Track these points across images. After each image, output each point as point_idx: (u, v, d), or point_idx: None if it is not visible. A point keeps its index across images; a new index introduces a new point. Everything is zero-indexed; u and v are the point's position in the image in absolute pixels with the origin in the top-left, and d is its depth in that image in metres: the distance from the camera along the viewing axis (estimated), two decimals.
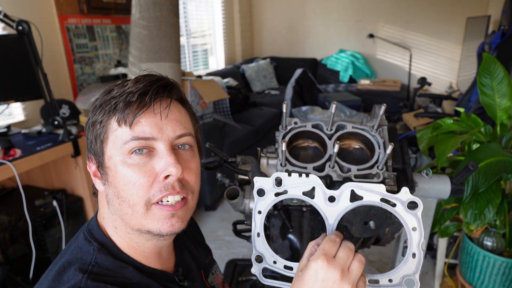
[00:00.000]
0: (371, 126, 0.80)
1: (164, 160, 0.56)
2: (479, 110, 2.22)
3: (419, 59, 4.52)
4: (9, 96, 1.79)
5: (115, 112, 0.56)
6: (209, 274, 0.78)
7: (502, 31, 2.42)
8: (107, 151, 0.57)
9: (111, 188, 0.58)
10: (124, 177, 0.55)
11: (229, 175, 0.86)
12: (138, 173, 0.55)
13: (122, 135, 0.56)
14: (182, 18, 3.92)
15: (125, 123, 0.55)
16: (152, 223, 0.57)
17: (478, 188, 1.12)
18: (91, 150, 0.60)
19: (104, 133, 0.57)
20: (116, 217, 0.59)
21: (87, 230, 0.63)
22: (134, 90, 0.56)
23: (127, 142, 0.55)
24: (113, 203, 0.58)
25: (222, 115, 3.14)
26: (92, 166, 0.61)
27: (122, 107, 0.55)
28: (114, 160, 0.56)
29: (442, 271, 1.86)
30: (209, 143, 0.81)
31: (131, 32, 2.13)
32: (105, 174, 0.58)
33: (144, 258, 0.63)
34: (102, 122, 0.57)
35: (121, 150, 0.56)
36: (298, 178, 0.53)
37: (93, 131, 0.58)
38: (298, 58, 5.00)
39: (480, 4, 4.05)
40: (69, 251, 0.61)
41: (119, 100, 0.56)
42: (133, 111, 0.55)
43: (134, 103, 0.55)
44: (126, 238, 0.61)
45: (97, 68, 2.82)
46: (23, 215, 1.68)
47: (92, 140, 0.59)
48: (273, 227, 0.86)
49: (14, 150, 1.64)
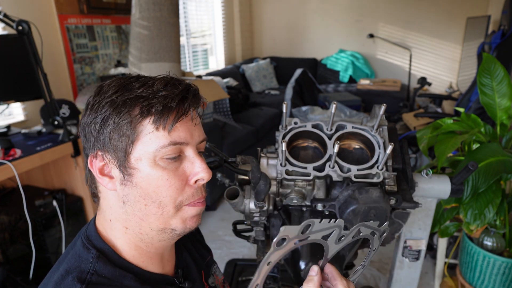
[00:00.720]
0: (371, 126, 0.80)
1: (197, 165, 0.59)
2: (479, 110, 2.22)
3: (419, 59, 4.52)
4: (9, 96, 1.79)
5: (149, 114, 0.55)
6: (209, 275, 0.78)
7: (502, 31, 2.42)
8: (135, 152, 0.56)
9: (134, 188, 0.57)
10: (158, 179, 0.56)
11: (229, 175, 0.86)
12: (173, 177, 0.57)
13: (158, 139, 0.55)
14: (182, 18, 3.92)
15: (164, 127, 0.55)
16: (179, 222, 0.60)
17: (478, 188, 1.12)
18: (104, 147, 0.57)
19: (135, 134, 0.55)
20: (132, 217, 0.59)
21: (85, 237, 0.62)
22: (171, 95, 0.55)
23: (165, 147, 0.55)
24: (135, 204, 0.58)
25: (222, 115, 3.14)
26: (97, 163, 0.58)
27: (160, 110, 0.55)
28: (144, 161, 0.56)
29: (442, 271, 1.86)
30: (209, 143, 0.81)
31: (131, 32, 2.13)
32: (129, 175, 0.57)
33: (149, 260, 0.63)
34: (132, 122, 0.55)
35: (156, 153, 0.56)
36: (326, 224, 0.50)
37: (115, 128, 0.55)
38: (298, 58, 5.00)
39: (480, 4, 4.05)
40: (67, 258, 0.60)
41: (152, 102, 0.55)
42: (173, 117, 0.55)
43: (174, 108, 0.55)
44: (135, 239, 0.61)
45: (97, 68, 2.82)
46: (23, 215, 1.68)
47: (107, 137, 0.56)
48: (273, 227, 0.86)
49: (14, 150, 1.64)
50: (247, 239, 0.99)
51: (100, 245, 0.60)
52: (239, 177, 0.82)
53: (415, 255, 1.00)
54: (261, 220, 0.85)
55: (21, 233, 1.83)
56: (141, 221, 0.59)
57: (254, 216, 0.83)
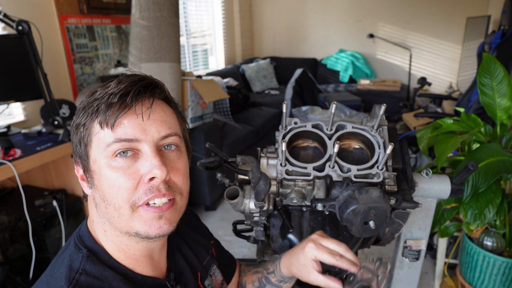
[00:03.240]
0: (371, 126, 0.80)
1: (148, 162, 0.55)
2: (479, 110, 2.21)
3: (419, 59, 4.52)
4: (9, 96, 1.79)
5: (97, 114, 0.55)
6: (206, 276, 0.77)
7: (502, 31, 2.42)
8: (92, 154, 0.56)
9: (97, 191, 0.57)
10: (109, 180, 0.55)
11: (229, 175, 0.86)
12: (122, 176, 0.54)
13: (104, 138, 0.55)
14: (182, 18, 3.92)
15: (107, 125, 0.54)
16: (140, 225, 0.56)
17: (478, 188, 1.12)
18: (77, 153, 0.59)
19: (88, 136, 0.56)
20: (104, 220, 0.59)
21: (78, 236, 0.62)
22: (116, 91, 0.54)
23: (110, 145, 0.54)
24: (100, 206, 0.57)
25: (222, 115, 3.14)
26: (79, 170, 0.60)
27: (103, 109, 0.54)
28: (98, 163, 0.56)
29: (442, 271, 1.86)
30: (209, 143, 0.81)
31: (131, 32, 2.13)
32: (91, 178, 0.57)
33: (135, 262, 0.62)
34: (86, 125, 0.56)
35: (105, 153, 0.55)
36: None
37: (77, 134, 0.57)
38: (298, 58, 5.00)
39: (480, 4, 4.05)
40: (60, 258, 0.61)
41: (101, 102, 0.55)
42: (114, 113, 0.54)
43: (115, 104, 0.54)
44: (115, 241, 0.60)
45: (97, 68, 2.82)
46: (23, 215, 1.68)
47: (77, 144, 0.58)
48: (273, 227, 0.86)
49: (14, 150, 1.64)
50: (247, 239, 0.99)
51: (91, 245, 0.60)
52: (239, 177, 0.82)
53: (415, 255, 1.00)
54: (261, 220, 0.85)
55: (21, 233, 1.83)
56: (110, 224, 0.58)
57: (254, 216, 0.83)
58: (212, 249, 0.84)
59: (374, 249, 2.24)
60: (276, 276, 0.79)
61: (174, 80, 2.18)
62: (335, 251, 0.68)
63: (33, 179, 2.08)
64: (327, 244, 0.69)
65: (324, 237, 0.71)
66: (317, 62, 4.96)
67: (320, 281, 0.69)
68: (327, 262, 0.67)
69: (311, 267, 0.69)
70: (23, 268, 1.78)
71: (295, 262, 0.73)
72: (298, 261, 0.72)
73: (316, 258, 0.69)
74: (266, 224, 0.88)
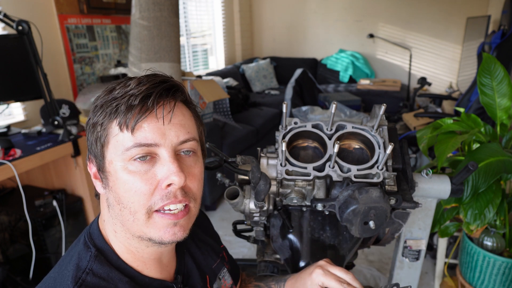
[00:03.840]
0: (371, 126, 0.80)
1: (166, 168, 0.54)
2: (479, 110, 2.21)
3: (419, 59, 4.52)
4: (9, 96, 1.79)
5: (116, 115, 0.53)
6: (215, 279, 0.76)
7: (502, 31, 2.42)
8: (108, 156, 0.55)
9: (111, 193, 0.56)
10: (125, 184, 0.53)
11: (229, 175, 0.86)
12: (140, 181, 0.53)
13: (123, 141, 0.53)
14: (182, 18, 3.91)
15: (127, 128, 0.52)
16: (154, 231, 0.56)
17: (478, 188, 1.12)
18: (92, 152, 0.57)
19: (105, 137, 0.54)
20: (116, 222, 0.58)
21: (88, 234, 0.62)
22: (137, 93, 0.52)
23: (129, 149, 0.53)
24: (113, 208, 0.56)
25: (222, 115, 3.14)
26: (92, 168, 0.59)
27: (123, 110, 0.52)
28: (115, 165, 0.54)
29: (442, 271, 1.86)
30: (209, 143, 0.81)
31: (131, 32, 2.13)
32: (106, 179, 0.56)
33: (143, 264, 0.61)
34: (103, 125, 0.54)
35: (123, 156, 0.53)
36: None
37: (93, 133, 0.56)
38: (298, 58, 5.00)
39: (480, 4, 4.05)
40: (69, 255, 0.60)
41: (120, 102, 0.53)
42: (135, 116, 0.52)
43: (136, 107, 0.52)
44: (125, 243, 0.60)
45: (97, 68, 2.82)
46: (23, 215, 1.68)
47: (93, 142, 0.56)
48: (273, 227, 0.86)
49: (14, 150, 1.64)
50: (247, 239, 0.99)
51: (101, 244, 0.60)
52: (239, 177, 0.82)
53: (415, 255, 1.00)
54: (261, 220, 0.85)
55: (21, 233, 1.83)
56: (122, 226, 0.57)
57: (254, 216, 0.83)
58: (223, 253, 0.83)
59: (374, 249, 2.24)
60: None
61: None
62: (343, 278, 0.68)
63: (33, 179, 2.08)
64: (335, 271, 0.69)
65: (332, 264, 0.72)
66: (317, 62, 4.96)
67: None
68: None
69: None
70: (23, 268, 1.78)
71: (301, 287, 0.73)
72: (304, 286, 0.72)
73: (323, 285, 0.68)
74: (266, 224, 0.88)
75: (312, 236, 0.82)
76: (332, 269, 0.70)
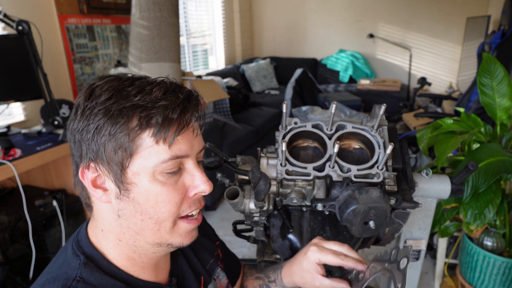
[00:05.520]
0: (371, 126, 0.80)
1: (197, 178, 0.56)
2: (479, 110, 2.21)
3: (419, 59, 4.52)
4: (9, 96, 1.79)
5: (148, 126, 0.50)
6: (210, 280, 0.75)
7: (502, 31, 2.42)
8: (133, 166, 0.52)
9: (131, 203, 0.53)
10: (158, 195, 0.53)
11: (229, 175, 0.86)
12: (172, 192, 0.54)
13: (158, 153, 0.51)
14: (182, 18, 3.91)
15: (164, 141, 0.51)
16: (177, 236, 0.57)
17: (478, 188, 1.12)
18: (97, 158, 0.52)
19: (133, 147, 0.51)
20: (127, 231, 0.56)
21: (76, 242, 0.59)
22: (171, 105, 0.51)
23: (165, 162, 0.52)
24: (131, 218, 0.54)
25: (222, 115, 3.14)
26: (89, 175, 0.54)
27: (160, 122, 0.50)
28: (143, 176, 0.52)
29: (442, 271, 1.86)
30: (209, 143, 0.80)
31: (131, 32, 2.13)
32: (126, 190, 0.53)
33: (141, 269, 0.61)
34: (130, 135, 0.50)
35: (156, 168, 0.52)
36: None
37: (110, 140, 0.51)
38: (298, 58, 5.00)
39: (480, 4, 4.05)
40: (57, 264, 0.58)
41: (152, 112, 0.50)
42: (174, 130, 0.51)
43: (175, 120, 0.51)
44: (128, 251, 0.58)
45: (97, 68, 2.82)
46: (23, 215, 1.68)
47: (102, 148, 0.51)
48: (273, 227, 0.86)
49: (14, 150, 1.64)
50: (247, 239, 0.99)
51: (90, 252, 0.58)
52: (239, 177, 0.82)
53: (415, 255, 1.00)
54: (261, 220, 0.85)
55: (21, 233, 1.83)
56: (136, 234, 0.56)
57: (254, 216, 0.83)
58: (217, 251, 0.83)
59: (374, 249, 2.24)
60: (277, 285, 0.79)
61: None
62: (339, 251, 0.68)
63: (33, 179, 2.08)
64: (330, 246, 0.69)
65: (325, 240, 0.71)
66: (317, 62, 4.96)
67: (326, 285, 0.68)
68: (333, 263, 0.67)
69: (315, 271, 0.68)
70: (23, 268, 1.78)
71: (298, 269, 0.71)
72: (301, 267, 0.70)
73: (320, 261, 0.68)
74: (266, 224, 0.88)
75: (312, 236, 0.82)
76: (326, 245, 0.69)
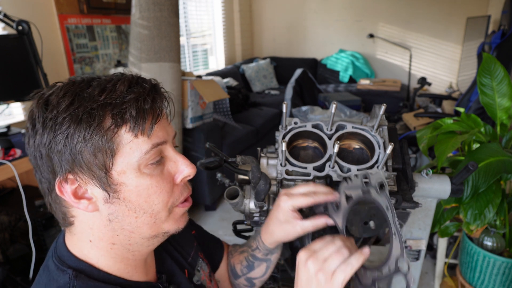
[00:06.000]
0: (371, 126, 0.80)
1: (180, 163, 0.57)
2: (479, 110, 2.21)
3: (419, 59, 4.52)
4: (9, 96, 1.79)
5: (124, 122, 0.50)
6: (194, 272, 0.75)
7: (502, 31, 2.42)
8: (117, 166, 0.51)
9: (122, 204, 0.53)
10: (148, 188, 0.53)
11: (229, 175, 0.86)
12: (161, 181, 0.54)
13: (139, 146, 0.51)
14: (182, 18, 3.92)
15: (143, 133, 0.51)
16: (172, 223, 0.58)
17: (478, 188, 1.12)
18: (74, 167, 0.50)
19: (113, 147, 0.50)
20: (120, 232, 0.55)
21: (57, 259, 0.57)
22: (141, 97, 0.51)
23: (148, 152, 0.52)
24: (124, 219, 0.54)
25: (222, 115, 3.14)
26: (67, 188, 0.52)
27: (134, 115, 0.50)
28: (129, 174, 0.52)
29: (442, 271, 1.86)
30: (209, 143, 0.81)
31: (131, 32, 2.13)
32: (115, 192, 0.52)
33: (133, 269, 0.60)
34: (107, 135, 0.49)
35: (140, 161, 0.52)
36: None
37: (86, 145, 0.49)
38: (298, 58, 5.00)
39: (480, 4, 4.05)
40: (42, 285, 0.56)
41: (123, 108, 0.50)
42: (150, 120, 0.52)
43: (148, 111, 0.51)
44: (122, 252, 0.58)
45: (97, 68, 2.82)
46: (23, 215, 1.68)
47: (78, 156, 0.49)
48: None
49: (14, 150, 1.64)
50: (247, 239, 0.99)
51: (76, 265, 0.56)
52: (239, 177, 0.82)
53: (415, 255, 1.00)
54: (261, 220, 0.85)
55: (21, 233, 1.83)
56: (131, 233, 0.56)
57: (254, 216, 0.83)
58: (195, 241, 0.82)
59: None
60: (261, 251, 0.79)
61: (174, 80, 2.18)
62: (307, 191, 0.68)
63: (33, 179, 2.08)
64: (297, 190, 0.69)
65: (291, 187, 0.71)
66: (317, 62, 4.96)
67: (307, 226, 0.68)
68: (306, 204, 0.67)
69: (293, 218, 0.68)
70: (23, 268, 1.78)
71: (276, 225, 0.72)
72: (279, 222, 0.70)
73: (293, 208, 0.68)
74: None
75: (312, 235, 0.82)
76: (293, 190, 0.69)
